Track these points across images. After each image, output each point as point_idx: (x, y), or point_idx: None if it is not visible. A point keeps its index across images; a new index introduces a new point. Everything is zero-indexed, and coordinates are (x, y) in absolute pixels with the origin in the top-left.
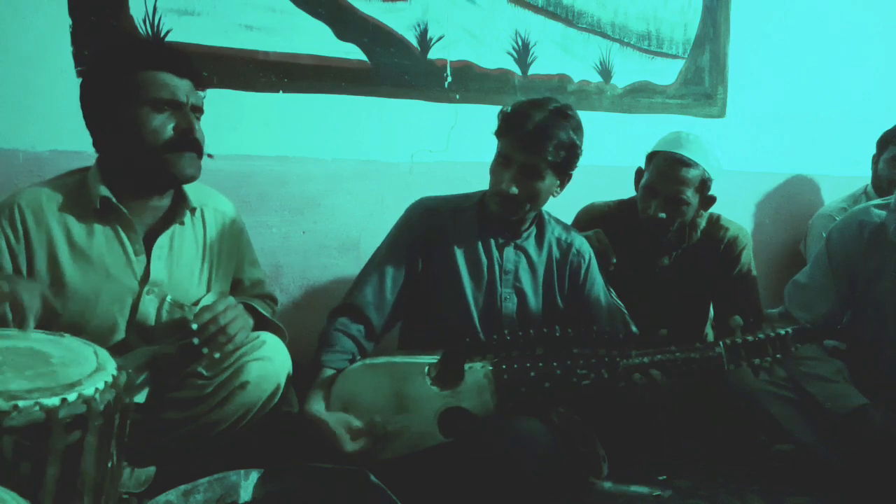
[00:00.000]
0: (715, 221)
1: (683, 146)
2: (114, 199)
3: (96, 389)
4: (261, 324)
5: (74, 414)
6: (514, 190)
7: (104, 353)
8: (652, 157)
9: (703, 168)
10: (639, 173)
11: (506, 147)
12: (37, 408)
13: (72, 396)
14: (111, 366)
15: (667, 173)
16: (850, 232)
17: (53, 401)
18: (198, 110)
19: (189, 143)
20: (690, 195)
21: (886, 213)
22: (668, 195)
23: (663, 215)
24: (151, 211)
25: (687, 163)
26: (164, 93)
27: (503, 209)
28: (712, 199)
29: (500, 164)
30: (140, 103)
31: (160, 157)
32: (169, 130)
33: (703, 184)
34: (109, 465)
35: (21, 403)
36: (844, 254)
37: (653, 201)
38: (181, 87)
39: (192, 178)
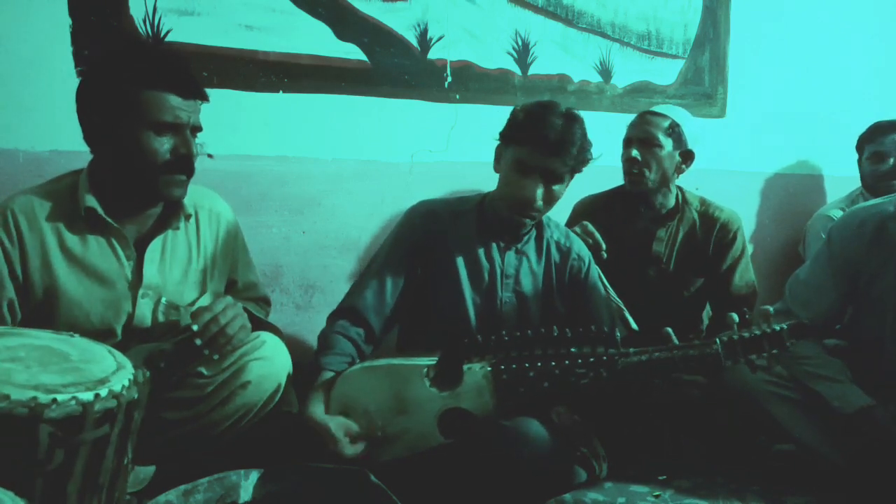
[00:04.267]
0: (708, 205)
1: (651, 109)
2: (100, 210)
3: (122, 386)
4: (255, 326)
5: (105, 409)
6: (541, 195)
7: (118, 353)
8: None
9: (671, 118)
10: None
11: (525, 154)
12: (73, 402)
13: (103, 392)
14: (129, 364)
15: (637, 123)
16: (852, 229)
17: (87, 395)
18: (196, 130)
19: (183, 166)
20: (661, 138)
21: (890, 210)
22: (640, 139)
23: (636, 153)
24: (143, 217)
25: (654, 113)
26: (167, 116)
27: (516, 214)
28: (690, 153)
29: (517, 171)
30: (142, 125)
31: (152, 178)
32: (166, 153)
33: (673, 129)
34: (125, 461)
35: (59, 397)
36: (845, 251)
37: (628, 150)
38: (184, 108)
39: (178, 199)
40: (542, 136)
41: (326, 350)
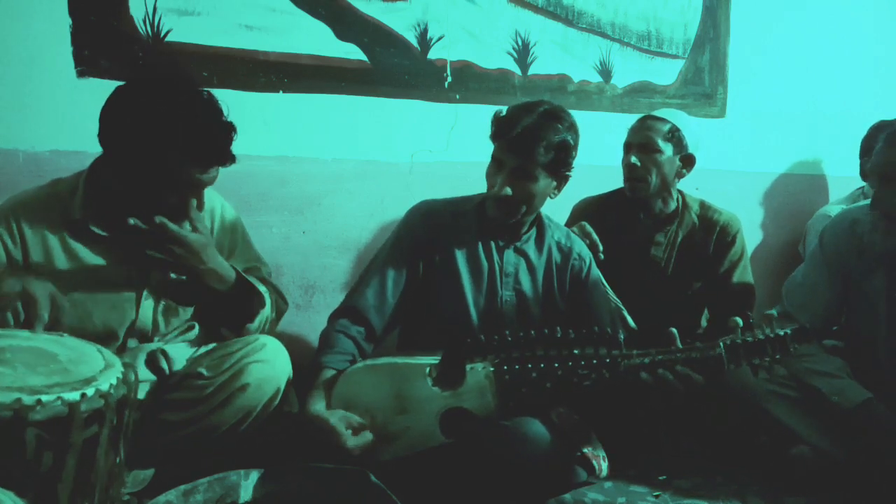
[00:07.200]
0: (707, 208)
1: (651, 114)
2: (94, 229)
3: (110, 385)
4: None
5: (92, 408)
6: (508, 191)
7: (108, 352)
8: None
9: (671, 122)
10: None
11: (498, 151)
12: (59, 402)
13: (90, 391)
14: (118, 363)
15: (637, 127)
16: (843, 230)
17: (73, 395)
18: (211, 182)
19: (177, 216)
20: (661, 143)
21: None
22: (640, 144)
23: (635, 160)
24: None
25: (654, 118)
26: (186, 187)
27: (500, 212)
28: (691, 158)
29: (494, 167)
30: (163, 186)
31: (149, 216)
32: (170, 203)
33: (672, 134)
34: (118, 460)
35: (44, 398)
36: (837, 252)
37: (628, 156)
38: (208, 175)
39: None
40: (509, 132)
41: (327, 349)
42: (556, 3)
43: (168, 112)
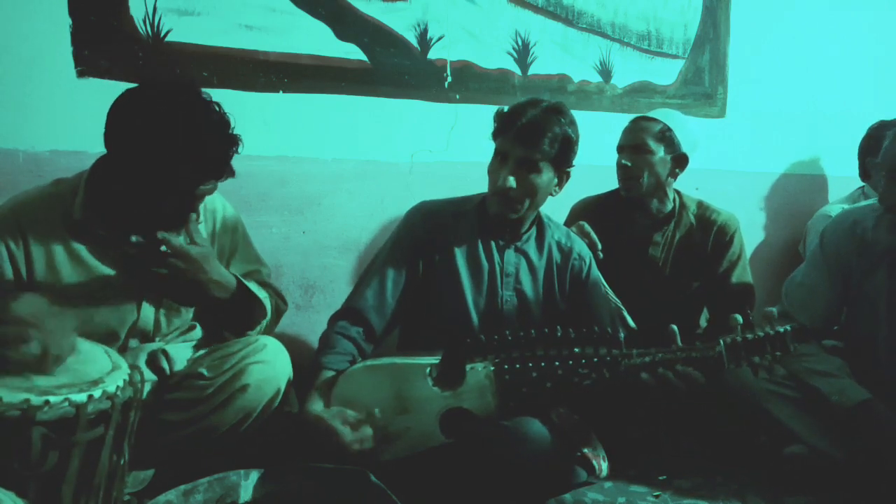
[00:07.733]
0: (705, 208)
1: (645, 114)
2: (93, 227)
3: (117, 387)
4: (246, 297)
5: (99, 410)
6: (512, 181)
7: (115, 353)
8: None
9: (663, 123)
10: None
11: (502, 144)
12: (66, 403)
13: (97, 393)
14: (125, 365)
15: (628, 129)
16: (843, 230)
17: (81, 397)
18: (209, 192)
19: (178, 223)
20: (652, 143)
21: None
22: (631, 146)
23: (627, 160)
24: None
25: (646, 118)
26: (189, 198)
27: (502, 207)
28: (683, 157)
29: (498, 161)
30: (162, 191)
31: (147, 225)
32: (168, 208)
33: (663, 134)
34: (122, 461)
35: (52, 399)
36: (837, 252)
37: (620, 157)
38: (207, 186)
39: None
40: (514, 124)
41: (327, 349)
42: (556, 3)
43: (175, 121)
